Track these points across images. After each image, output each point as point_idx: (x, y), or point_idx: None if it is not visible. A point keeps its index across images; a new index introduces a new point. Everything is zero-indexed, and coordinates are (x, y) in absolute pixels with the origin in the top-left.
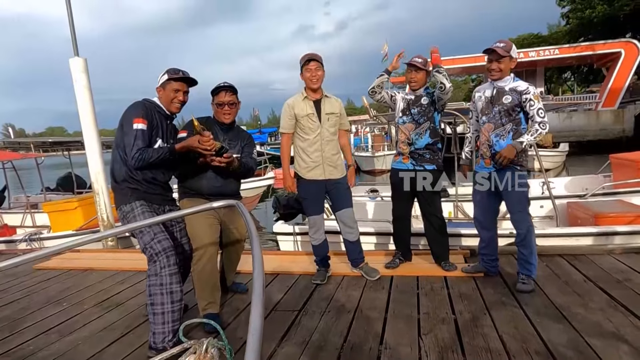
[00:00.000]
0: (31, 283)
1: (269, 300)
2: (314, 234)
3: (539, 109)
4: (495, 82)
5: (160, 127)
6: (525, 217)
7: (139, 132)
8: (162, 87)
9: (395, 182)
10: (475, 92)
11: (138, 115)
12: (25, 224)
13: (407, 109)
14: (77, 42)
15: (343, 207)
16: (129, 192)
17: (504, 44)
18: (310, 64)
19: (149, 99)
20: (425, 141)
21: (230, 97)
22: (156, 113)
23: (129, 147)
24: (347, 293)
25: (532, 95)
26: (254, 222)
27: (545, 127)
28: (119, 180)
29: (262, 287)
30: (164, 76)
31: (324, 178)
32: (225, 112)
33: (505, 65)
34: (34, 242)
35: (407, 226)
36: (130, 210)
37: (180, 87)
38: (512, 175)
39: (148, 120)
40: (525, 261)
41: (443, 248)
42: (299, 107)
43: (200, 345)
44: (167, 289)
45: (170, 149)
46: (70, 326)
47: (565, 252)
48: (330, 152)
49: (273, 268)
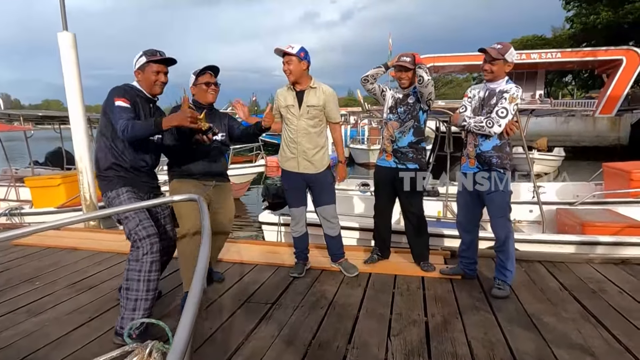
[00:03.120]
0: (7, 259)
1: (244, 291)
2: (295, 226)
3: (502, 107)
4: (488, 84)
5: (143, 110)
6: (505, 223)
7: (122, 107)
8: (140, 70)
9: (377, 178)
10: (471, 89)
11: (119, 95)
12: (9, 198)
13: (395, 107)
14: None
15: (323, 203)
16: (115, 179)
17: (501, 46)
18: (284, 58)
19: (129, 84)
20: (408, 139)
21: (214, 78)
22: (138, 97)
23: (115, 123)
24: (323, 288)
25: (509, 95)
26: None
27: (491, 126)
28: (103, 168)
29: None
30: (142, 59)
31: (298, 171)
32: (211, 91)
33: (499, 67)
34: (14, 217)
35: (387, 222)
36: (116, 196)
37: (160, 68)
38: (494, 178)
39: (130, 102)
40: (503, 267)
41: (422, 248)
42: (282, 97)
43: (143, 348)
44: (145, 277)
45: (157, 122)
46: (40, 306)
47: (545, 259)
48: (306, 146)
49: (253, 258)
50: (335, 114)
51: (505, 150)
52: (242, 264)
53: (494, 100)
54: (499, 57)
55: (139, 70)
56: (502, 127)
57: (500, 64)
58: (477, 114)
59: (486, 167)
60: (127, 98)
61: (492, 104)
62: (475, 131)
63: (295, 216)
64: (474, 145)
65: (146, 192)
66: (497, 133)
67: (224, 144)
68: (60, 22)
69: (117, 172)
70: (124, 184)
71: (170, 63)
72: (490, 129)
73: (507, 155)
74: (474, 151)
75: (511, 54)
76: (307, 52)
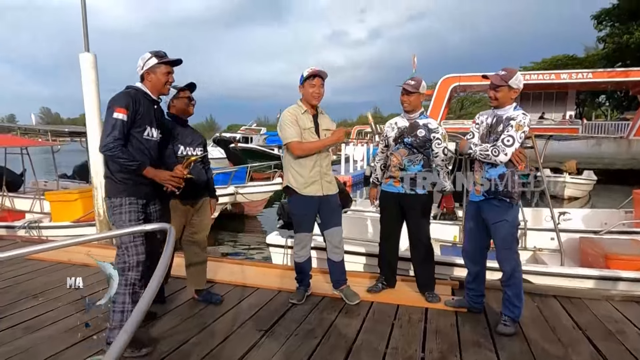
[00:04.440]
0: (19, 273)
1: (240, 316)
2: (299, 251)
3: (509, 135)
4: (495, 110)
5: (148, 113)
6: (511, 256)
7: (119, 122)
8: (151, 71)
9: (384, 204)
10: (479, 116)
11: (121, 104)
12: (33, 210)
13: (400, 138)
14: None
15: (332, 225)
16: (122, 185)
17: (505, 72)
18: (315, 79)
19: (133, 86)
20: (417, 169)
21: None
22: (143, 99)
23: (104, 133)
24: (321, 316)
25: (515, 122)
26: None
27: (497, 154)
28: (114, 170)
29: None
30: (152, 60)
31: (321, 194)
32: (192, 105)
33: (504, 94)
34: (32, 230)
35: (393, 249)
36: (119, 205)
37: (170, 69)
38: (500, 207)
39: (132, 110)
40: (510, 302)
41: (428, 277)
42: (301, 120)
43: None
44: (130, 290)
45: (141, 166)
46: (39, 323)
47: (561, 294)
48: (327, 168)
49: (255, 281)
50: None
51: (512, 179)
52: (244, 287)
53: (501, 128)
54: (503, 83)
55: (149, 71)
56: (509, 155)
57: (504, 91)
58: (484, 140)
59: (492, 195)
60: (127, 107)
61: (499, 131)
62: (481, 159)
63: (302, 241)
64: (480, 173)
65: (150, 199)
66: (503, 162)
67: (204, 161)
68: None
69: (125, 175)
70: (130, 193)
71: (178, 64)
72: (496, 157)
73: (515, 185)
74: (480, 179)
75: (516, 80)
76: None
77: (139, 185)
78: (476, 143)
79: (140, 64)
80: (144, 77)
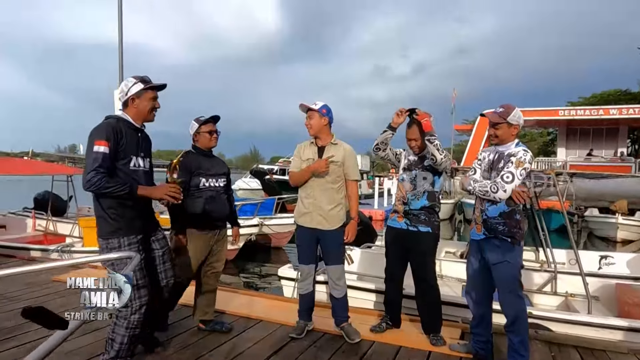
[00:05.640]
0: (41, 294)
1: (234, 348)
2: (300, 282)
3: (508, 172)
4: (497, 147)
5: (131, 142)
6: (513, 300)
7: (99, 155)
8: (136, 97)
9: (387, 240)
10: (482, 152)
11: (100, 137)
12: (73, 234)
13: (408, 169)
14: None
15: (330, 262)
16: (116, 223)
17: (503, 109)
18: (307, 113)
19: (113, 116)
20: (421, 203)
21: (214, 126)
22: (125, 129)
23: (85, 170)
24: (317, 354)
25: (515, 159)
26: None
27: (495, 191)
28: (106, 207)
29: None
30: (137, 85)
31: (312, 227)
32: (213, 139)
33: (503, 131)
34: (64, 254)
35: (398, 287)
36: (117, 247)
37: (156, 94)
38: (499, 248)
39: (113, 142)
40: (514, 350)
41: (433, 318)
42: (304, 152)
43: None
44: (131, 332)
45: (132, 187)
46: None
47: (582, 345)
48: (324, 202)
49: (260, 313)
50: (353, 171)
51: (514, 218)
52: (248, 318)
53: (502, 164)
54: (501, 120)
55: (135, 96)
56: (508, 192)
57: (504, 128)
58: (486, 177)
59: (492, 234)
60: (108, 139)
61: (500, 167)
62: (480, 196)
63: (304, 273)
64: (480, 210)
65: (146, 233)
66: (503, 199)
67: (227, 191)
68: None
69: (117, 211)
70: (126, 232)
71: (163, 88)
72: (495, 194)
73: (517, 224)
74: (481, 217)
75: (514, 116)
76: (330, 109)
77: (134, 220)
78: (477, 179)
79: (124, 90)
80: (127, 103)
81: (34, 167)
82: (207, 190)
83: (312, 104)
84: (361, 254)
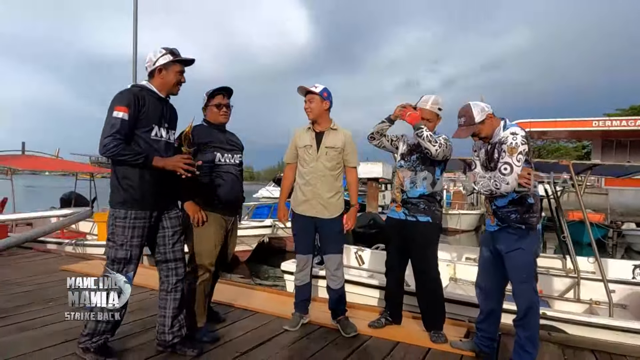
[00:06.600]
0: (48, 280)
1: (224, 336)
2: (297, 273)
3: (504, 163)
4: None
5: (155, 112)
6: (527, 290)
7: (118, 121)
8: (164, 68)
9: (388, 231)
10: (475, 144)
11: (121, 103)
12: (93, 232)
13: (407, 155)
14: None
15: (329, 251)
16: (128, 195)
17: (464, 117)
18: (306, 96)
19: (138, 84)
20: (420, 191)
21: (227, 100)
22: (149, 97)
23: (103, 134)
24: (308, 345)
25: (506, 146)
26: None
27: (498, 187)
28: (121, 177)
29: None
30: (167, 56)
31: (311, 215)
32: (222, 114)
33: (483, 130)
34: (78, 247)
35: (397, 282)
36: (123, 218)
37: (183, 69)
38: (513, 235)
39: (134, 109)
40: (521, 347)
41: (434, 314)
42: (300, 138)
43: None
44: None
45: (148, 158)
46: (35, 324)
47: (600, 349)
48: (323, 189)
49: (256, 305)
50: (352, 158)
51: (525, 204)
52: (244, 309)
53: (497, 155)
54: (472, 130)
55: (162, 67)
56: (511, 183)
57: (480, 127)
58: (486, 168)
59: (506, 224)
60: (129, 106)
61: (496, 158)
62: (489, 196)
63: (300, 263)
64: (489, 201)
65: (159, 210)
66: (509, 191)
67: (240, 166)
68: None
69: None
70: (136, 206)
71: (191, 63)
72: (499, 190)
73: (530, 208)
74: (491, 207)
75: (477, 111)
76: (330, 93)
77: (146, 194)
78: (481, 175)
79: (152, 59)
80: (153, 73)
81: (60, 164)
82: (224, 167)
83: (312, 87)
84: (371, 255)
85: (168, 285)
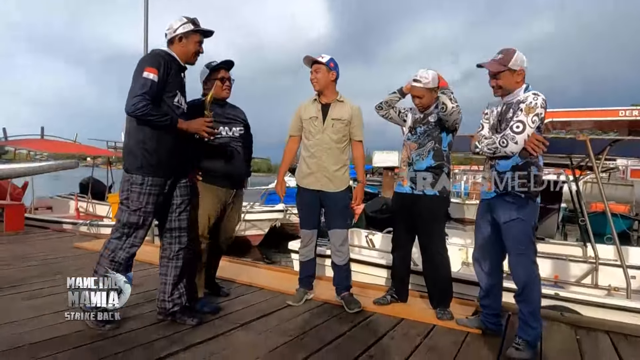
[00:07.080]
0: (59, 255)
1: (225, 308)
2: (302, 249)
3: (518, 121)
4: (505, 98)
5: (178, 79)
6: (525, 262)
7: (148, 82)
8: (184, 36)
9: (395, 207)
10: (489, 106)
11: (152, 64)
12: (109, 215)
13: (414, 127)
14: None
15: (334, 226)
16: (145, 160)
17: (502, 55)
18: (312, 67)
19: (164, 50)
20: (426, 163)
21: (228, 73)
22: (172, 64)
23: (131, 93)
24: (308, 319)
25: (524, 105)
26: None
27: (505, 145)
28: (139, 140)
29: None
30: (188, 25)
31: (316, 188)
32: (225, 87)
33: (506, 80)
34: (92, 227)
35: (405, 258)
36: (140, 184)
37: (202, 39)
38: (512, 204)
39: (163, 72)
40: (524, 321)
41: (440, 290)
42: (306, 109)
43: None
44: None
45: (174, 121)
46: (38, 293)
47: (615, 330)
48: (329, 162)
49: (262, 282)
50: (359, 131)
51: (528, 171)
52: (249, 286)
53: (511, 114)
54: (502, 68)
55: (183, 36)
56: (520, 143)
57: (506, 76)
58: (497, 130)
59: (505, 191)
60: (159, 68)
61: (510, 118)
62: (490, 155)
63: (305, 238)
64: (490, 166)
65: (175, 177)
66: (515, 152)
67: (241, 139)
68: None
69: (149, 147)
70: (152, 172)
71: (210, 35)
72: (505, 148)
73: (531, 177)
74: (490, 172)
75: (517, 60)
76: (337, 64)
77: (162, 161)
78: (486, 136)
79: (174, 27)
80: (173, 41)
81: (78, 148)
82: (221, 139)
83: (319, 57)
84: (382, 238)
85: (170, 252)
